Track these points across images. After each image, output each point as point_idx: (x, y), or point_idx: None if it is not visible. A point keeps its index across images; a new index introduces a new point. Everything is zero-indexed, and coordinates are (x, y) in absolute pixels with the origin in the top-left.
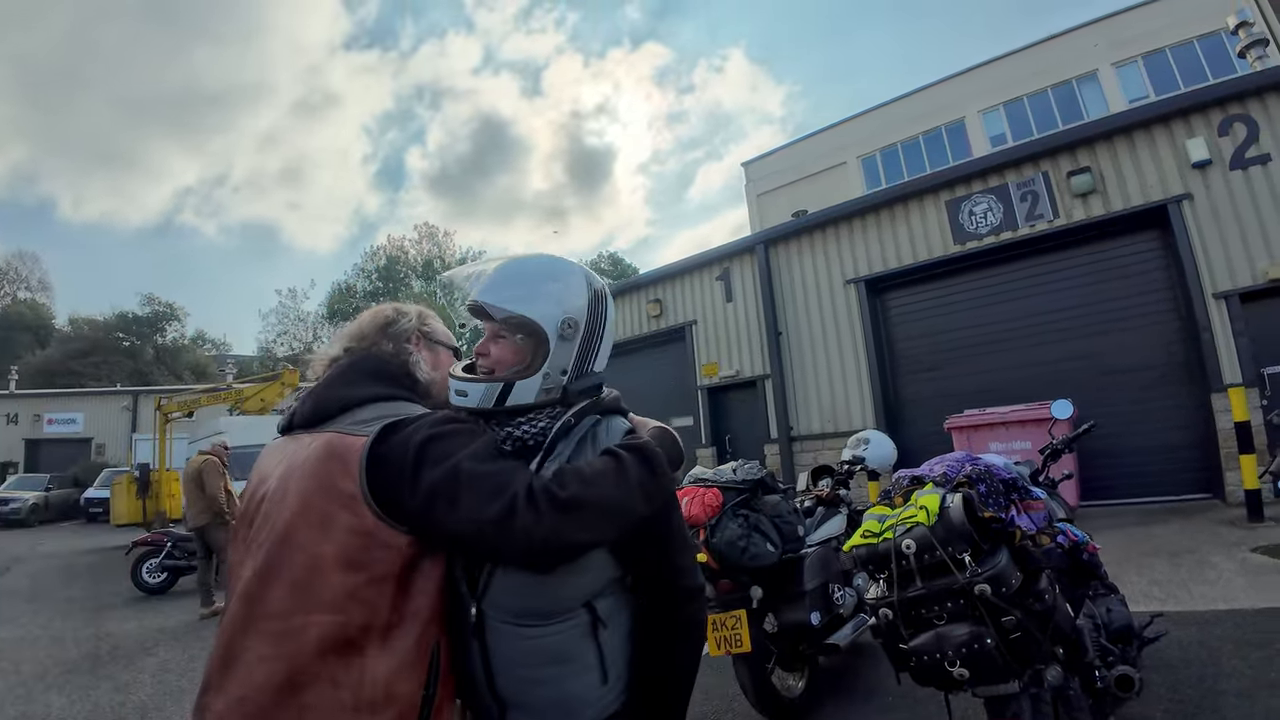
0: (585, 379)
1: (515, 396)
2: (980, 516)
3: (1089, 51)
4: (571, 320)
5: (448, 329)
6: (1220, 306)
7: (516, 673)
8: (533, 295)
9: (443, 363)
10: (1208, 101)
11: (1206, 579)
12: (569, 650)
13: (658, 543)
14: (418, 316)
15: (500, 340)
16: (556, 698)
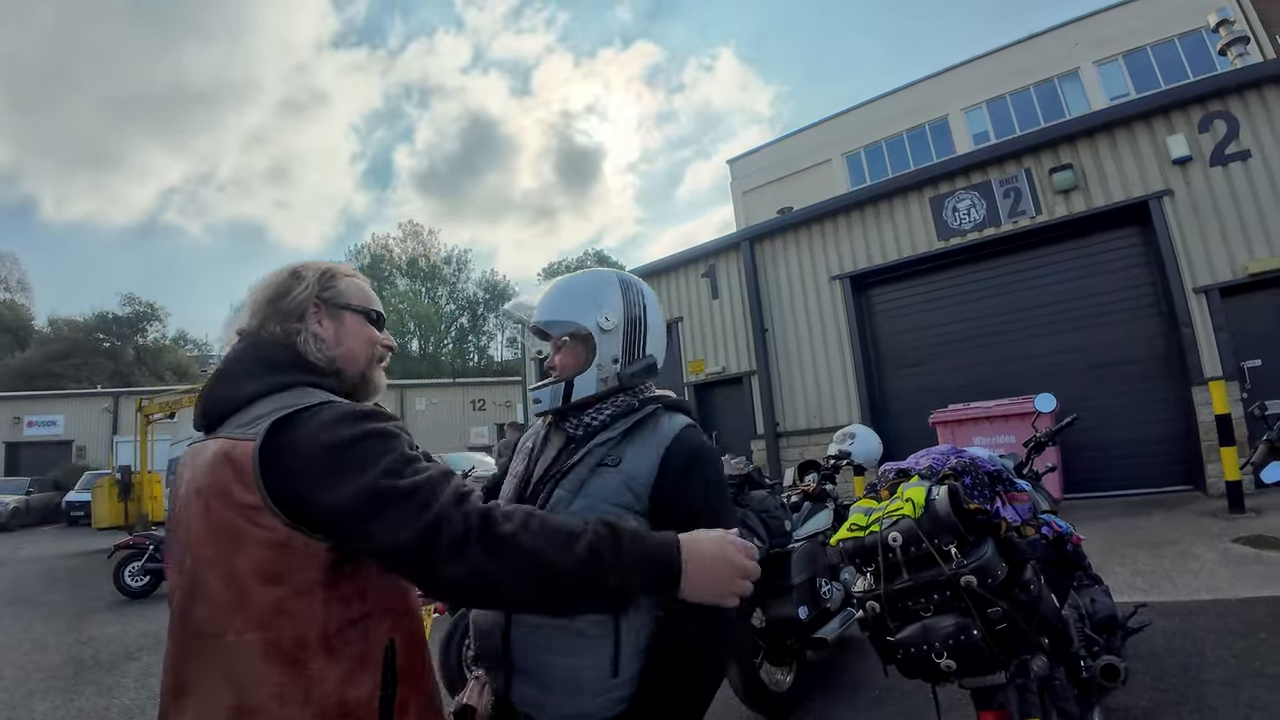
0: (637, 362)
1: (578, 391)
2: (966, 508)
3: (1070, 50)
4: (606, 315)
5: (366, 289)
6: (1201, 301)
7: (531, 638)
8: (572, 304)
9: (352, 330)
10: (1188, 98)
11: (1189, 569)
12: (588, 627)
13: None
14: (317, 280)
15: (560, 350)
16: (563, 670)
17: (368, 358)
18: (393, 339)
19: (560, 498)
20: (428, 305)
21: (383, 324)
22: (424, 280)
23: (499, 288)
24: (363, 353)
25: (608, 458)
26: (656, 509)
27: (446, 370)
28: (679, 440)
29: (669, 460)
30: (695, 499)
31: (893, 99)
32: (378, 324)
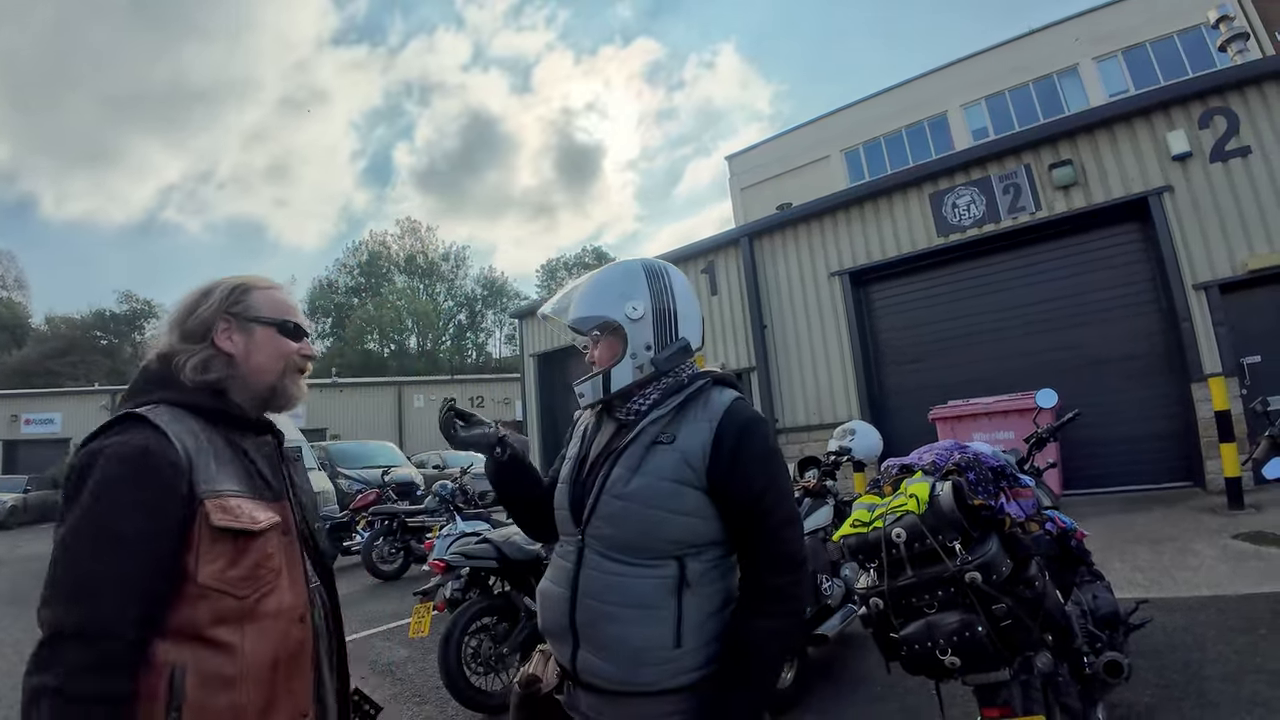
0: (670, 346)
1: (616, 381)
2: (970, 504)
3: (1070, 46)
4: (634, 305)
5: (283, 300)
6: (1200, 297)
7: (596, 605)
8: (599, 299)
9: (261, 343)
10: (1188, 94)
11: (1189, 566)
12: (649, 597)
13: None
14: (225, 296)
15: (598, 342)
16: (624, 637)
17: (279, 370)
18: (312, 349)
19: (619, 475)
20: (426, 302)
21: (301, 335)
22: (422, 277)
23: (497, 284)
24: (273, 365)
25: (662, 435)
26: (715, 487)
27: (445, 367)
28: (730, 414)
29: (722, 434)
30: (755, 480)
31: (892, 95)
32: (295, 335)
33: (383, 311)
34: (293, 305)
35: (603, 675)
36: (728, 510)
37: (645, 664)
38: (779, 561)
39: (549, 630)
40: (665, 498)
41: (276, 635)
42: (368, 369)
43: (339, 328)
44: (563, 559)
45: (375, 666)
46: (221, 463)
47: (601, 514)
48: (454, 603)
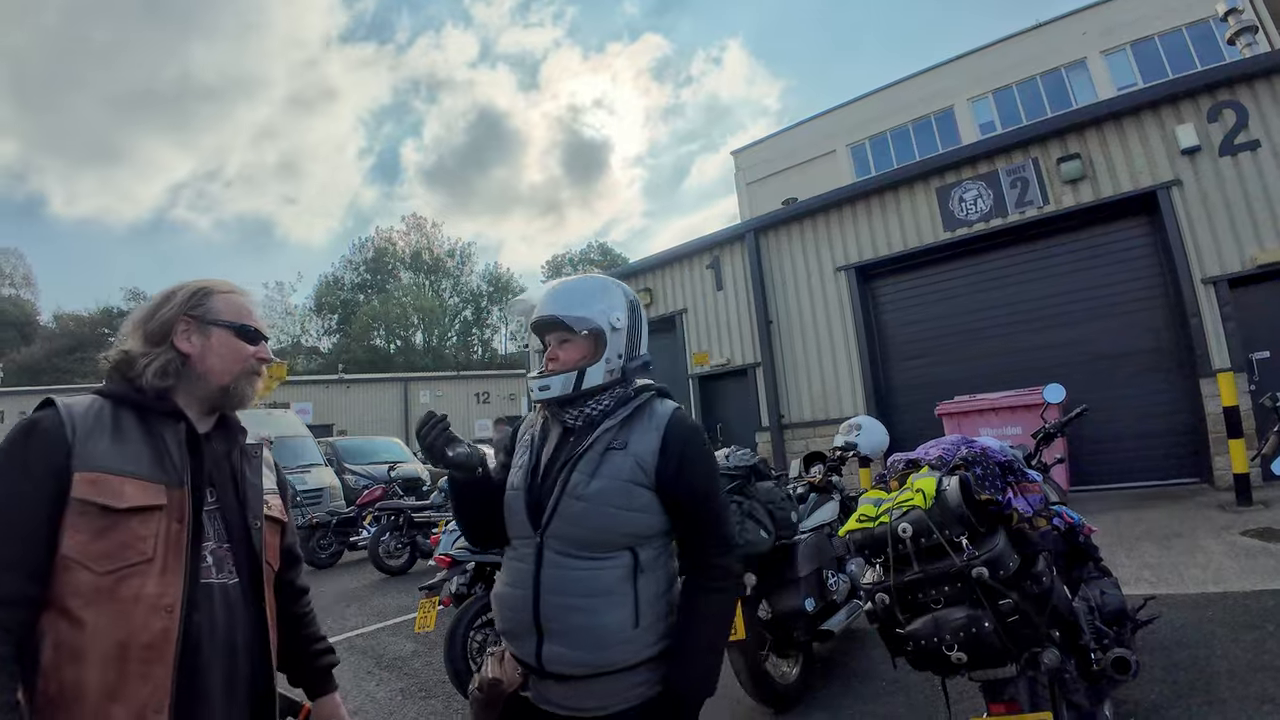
0: (636, 359)
1: (588, 380)
2: (977, 499)
3: (1077, 39)
4: (617, 316)
5: (243, 305)
6: (1209, 292)
7: (560, 600)
8: (589, 304)
9: (217, 346)
10: (1197, 88)
11: (1197, 562)
12: (609, 586)
13: (693, 499)
14: (187, 299)
15: (566, 344)
16: (590, 626)
17: (234, 372)
18: (268, 352)
19: (579, 480)
20: (431, 298)
21: (258, 339)
22: (428, 273)
23: (502, 281)
24: (228, 367)
25: (615, 441)
26: (663, 487)
27: (450, 363)
28: (673, 423)
29: (668, 441)
30: (699, 482)
31: (898, 89)
32: (252, 339)
33: (389, 308)
34: (252, 310)
35: (571, 663)
36: (675, 506)
37: (612, 645)
38: (721, 544)
39: (510, 631)
40: (621, 497)
41: (132, 620)
42: (374, 365)
43: (345, 324)
44: (519, 561)
45: (381, 661)
46: (121, 443)
47: (563, 515)
48: (459, 597)
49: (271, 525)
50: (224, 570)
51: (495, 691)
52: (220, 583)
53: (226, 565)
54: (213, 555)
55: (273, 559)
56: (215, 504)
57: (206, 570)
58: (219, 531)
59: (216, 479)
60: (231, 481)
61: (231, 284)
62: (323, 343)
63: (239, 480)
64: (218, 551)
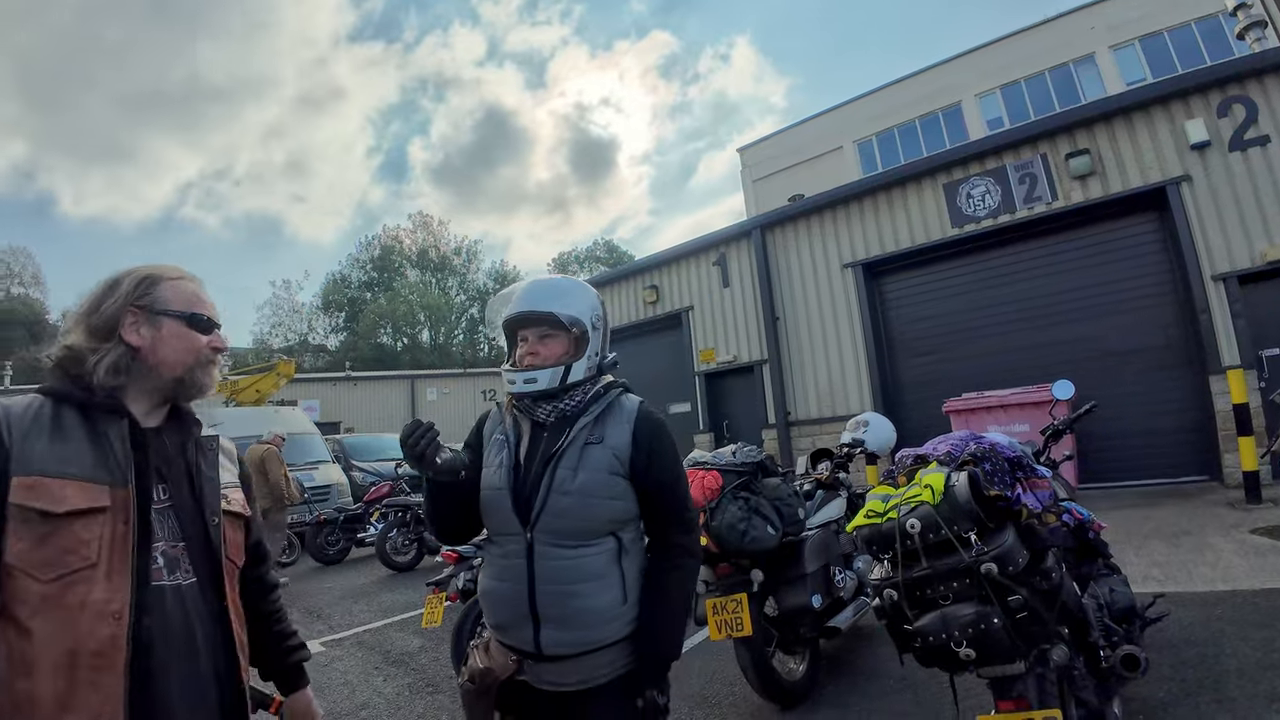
0: (610, 357)
1: (573, 375)
2: (986, 495)
3: (1086, 34)
4: (597, 316)
5: (193, 292)
6: (1219, 288)
7: (556, 588)
8: (576, 302)
9: (168, 337)
10: (1207, 83)
11: (1206, 560)
12: (600, 569)
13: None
14: (133, 288)
15: (549, 339)
16: (586, 608)
17: (188, 363)
18: (222, 340)
19: (564, 476)
20: (438, 296)
21: (211, 327)
22: (434, 271)
23: (509, 278)
24: (181, 359)
25: (591, 437)
26: (636, 475)
27: (457, 360)
28: (641, 417)
29: (638, 433)
30: (667, 470)
31: (905, 85)
32: (205, 328)
33: (395, 306)
34: (203, 297)
35: (569, 644)
36: (644, 492)
37: (606, 623)
38: (684, 525)
39: (504, 623)
40: (603, 488)
41: (79, 628)
42: (381, 363)
43: (352, 322)
44: (506, 558)
45: (389, 656)
46: (61, 443)
47: (551, 510)
48: (466, 593)
49: (232, 520)
50: (178, 570)
51: (488, 680)
52: (174, 584)
53: (182, 565)
54: (164, 556)
55: (235, 555)
56: (168, 501)
57: (157, 572)
58: (172, 530)
59: (168, 475)
60: (186, 477)
61: (180, 269)
62: (330, 340)
63: (194, 475)
64: (171, 551)
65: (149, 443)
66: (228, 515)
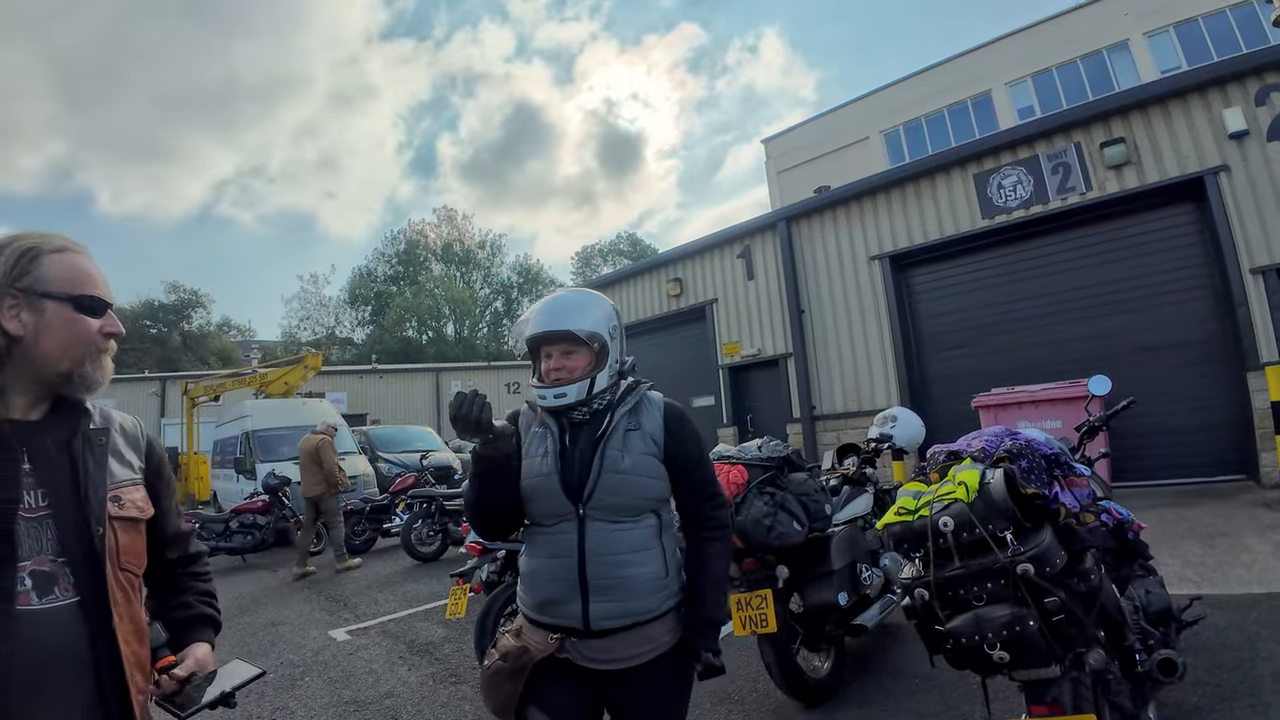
0: (627, 362)
1: (597, 385)
2: (1022, 493)
3: (1119, 20)
4: (614, 326)
5: (79, 267)
6: (1257, 282)
7: (607, 558)
8: (594, 317)
9: (52, 324)
10: (1245, 70)
11: (1242, 562)
12: (645, 541)
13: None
14: (11, 266)
15: (572, 354)
16: (635, 576)
17: (77, 355)
18: (117, 323)
19: (614, 457)
20: (463, 290)
21: (103, 309)
22: (459, 265)
23: (533, 272)
24: (68, 350)
25: (631, 424)
26: (669, 457)
27: (481, 353)
28: (668, 407)
29: (668, 420)
30: (693, 450)
31: (933, 73)
32: (95, 311)
33: (421, 299)
34: (92, 273)
35: (616, 615)
36: (678, 471)
37: (650, 594)
38: (715, 500)
39: (553, 599)
40: (647, 468)
41: None
42: (406, 356)
43: (378, 316)
44: (555, 534)
45: (414, 646)
46: None
47: (605, 488)
48: (490, 584)
49: (127, 526)
50: (54, 590)
51: (523, 660)
52: (46, 608)
53: (60, 584)
54: (33, 576)
55: (133, 563)
56: (45, 509)
57: (23, 595)
58: (50, 543)
59: (46, 478)
60: (71, 479)
61: (65, 239)
62: (356, 334)
63: (79, 477)
64: (44, 569)
65: (21, 440)
66: (120, 521)
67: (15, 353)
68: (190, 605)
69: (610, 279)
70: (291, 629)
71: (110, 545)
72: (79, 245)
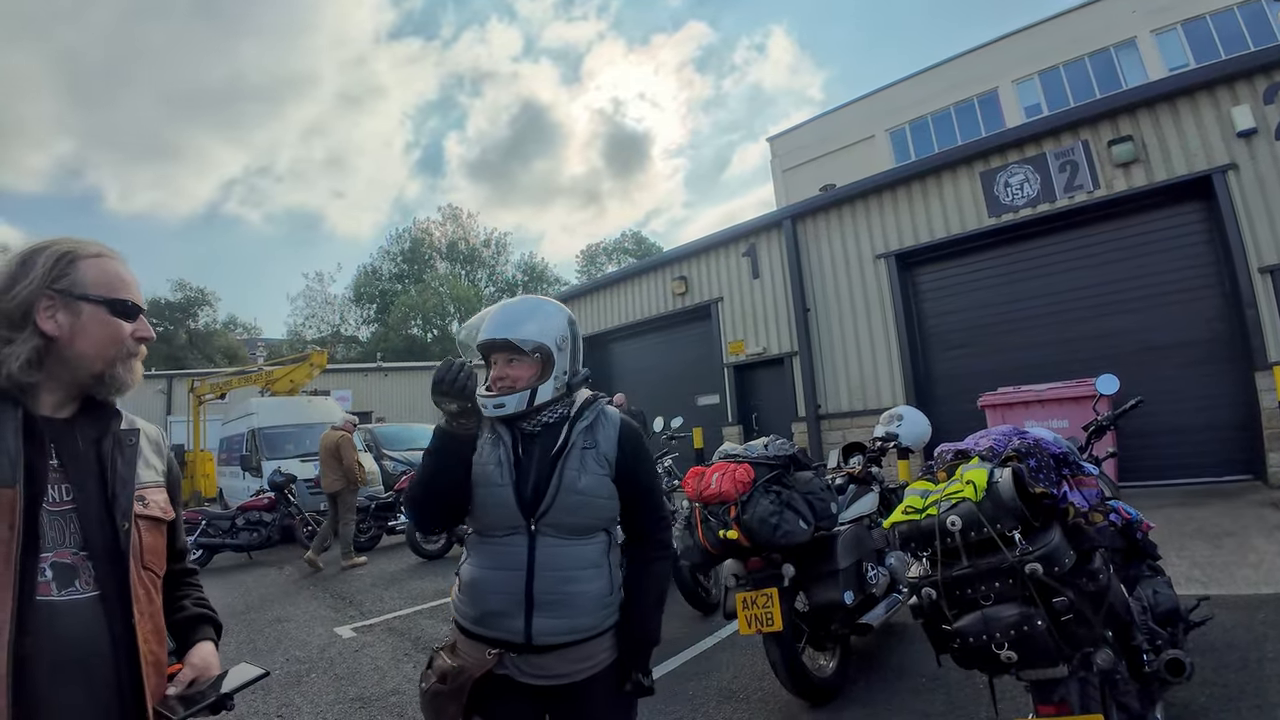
0: (578, 375)
1: (540, 397)
2: (1031, 492)
3: (1126, 18)
4: (563, 337)
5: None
6: (1265, 281)
7: (554, 574)
8: (538, 327)
9: (88, 326)
10: (1253, 68)
11: (1249, 562)
12: (596, 559)
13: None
14: (50, 268)
15: (515, 363)
16: (582, 593)
17: (109, 357)
18: (148, 328)
19: (571, 477)
20: (468, 288)
21: (136, 313)
22: (464, 263)
23: (537, 270)
24: (102, 351)
25: (586, 442)
26: (621, 477)
27: None
28: (624, 426)
29: (623, 440)
30: (645, 473)
31: (939, 71)
32: (129, 314)
33: (426, 297)
34: (125, 278)
35: (558, 632)
36: (628, 492)
37: (593, 611)
38: (662, 523)
39: (495, 611)
40: (602, 488)
41: None
42: (411, 354)
43: (383, 314)
44: (506, 545)
45: (419, 643)
46: None
47: (561, 507)
48: None
49: (151, 525)
50: (74, 583)
51: (460, 679)
52: (66, 599)
53: (81, 577)
54: (55, 566)
55: (154, 563)
56: (70, 503)
57: (44, 585)
58: (73, 536)
59: (74, 474)
60: (97, 476)
61: (100, 245)
62: (361, 332)
63: (107, 474)
64: (69, 561)
65: (50, 436)
66: (145, 520)
67: (51, 353)
68: (190, 606)
69: (615, 277)
70: (297, 626)
71: (135, 542)
72: (114, 251)
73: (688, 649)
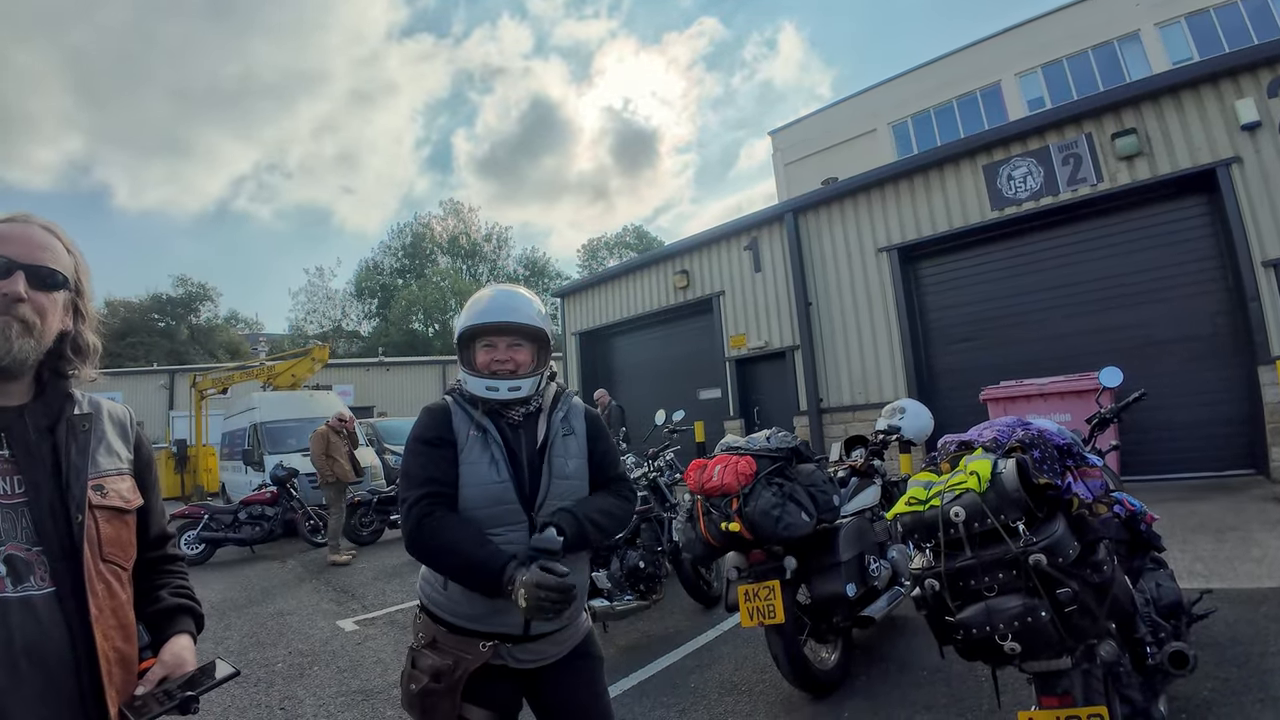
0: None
1: (544, 382)
2: (1035, 483)
3: (1130, 11)
4: (554, 332)
5: None
6: (1269, 275)
7: None
8: (542, 315)
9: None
10: (1257, 61)
11: (1252, 556)
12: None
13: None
14: None
15: (518, 348)
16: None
17: None
18: (20, 286)
19: (560, 464)
20: (469, 283)
21: (10, 270)
22: (465, 258)
23: (539, 265)
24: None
25: (566, 429)
26: (591, 455)
27: None
28: (588, 413)
29: (590, 425)
30: (610, 453)
31: (942, 64)
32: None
33: (427, 292)
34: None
35: (556, 621)
36: (594, 467)
37: (581, 595)
38: (623, 480)
39: (497, 607)
40: (582, 470)
41: None
42: (413, 348)
43: (385, 308)
44: (505, 543)
45: None
46: None
47: (554, 495)
48: None
49: (111, 516)
50: (29, 579)
51: (456, 675)
52: (19, 596)
53: (37, 572)
54: (6, 562)
55: (117, 555)
56: (21, 496)
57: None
58: (25, 531)
59: (25, 464)
60: (52, 466)
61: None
62: (363, 326)
63: (62, 463)
64: (19, 555)
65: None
66: (103, 510)
67: None
68: (167, 597)
69: (616, 271)
70: (299, 619)
71: (91, 534)
72: None
73: (690, 641)
